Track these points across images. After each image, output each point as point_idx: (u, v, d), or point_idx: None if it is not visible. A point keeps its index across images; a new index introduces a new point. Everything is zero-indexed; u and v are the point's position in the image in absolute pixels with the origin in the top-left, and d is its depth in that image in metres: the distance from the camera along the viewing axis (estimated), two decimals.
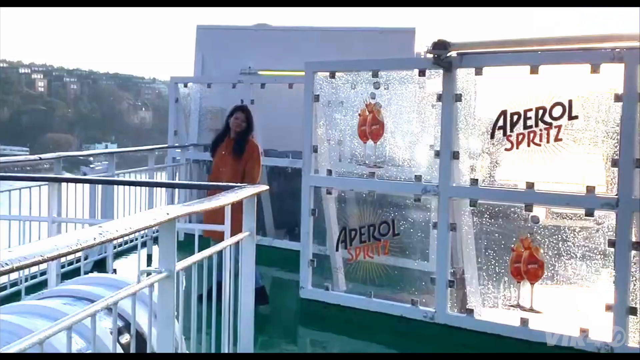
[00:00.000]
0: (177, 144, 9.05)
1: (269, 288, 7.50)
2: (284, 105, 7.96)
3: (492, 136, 5.26)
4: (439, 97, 5.42)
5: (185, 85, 9.16)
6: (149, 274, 2.46)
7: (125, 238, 7.86)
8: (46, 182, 4.54)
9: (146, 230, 7.34)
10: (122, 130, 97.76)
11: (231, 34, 9.85)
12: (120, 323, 2.74)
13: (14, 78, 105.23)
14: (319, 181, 6.06)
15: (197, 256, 3.09)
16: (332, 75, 5.96)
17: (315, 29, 10.26)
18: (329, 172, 6.02)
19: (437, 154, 5.45)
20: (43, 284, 4.76)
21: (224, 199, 3.46)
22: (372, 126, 5.79)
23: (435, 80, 5.56)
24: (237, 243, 3.75)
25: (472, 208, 5.41)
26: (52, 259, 1.70)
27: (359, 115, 5.84)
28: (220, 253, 3.53)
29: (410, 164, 5.84)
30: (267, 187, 4.13)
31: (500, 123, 5.21)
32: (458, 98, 5.34)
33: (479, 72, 5.28)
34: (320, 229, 6.18)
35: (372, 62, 5.88)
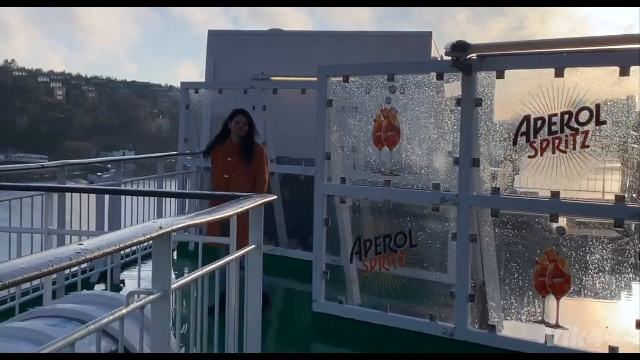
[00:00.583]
0: (187, 151, 8.84)
1: (281, 300, 7.33)
2: (297, 111, 7.72)
3: (515, 142, 4.98)
4: (458, 102, 5.16)
5: (196, 91, 8.95)
6: (141, 293, 2.21)
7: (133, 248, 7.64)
8: (41, 192, 4.32)
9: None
10: (140, 137, 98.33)
11: (243, 39, 9.66)
12: (111, 345, 2.52)
13: (33, 86, 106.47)
14: (332, 190, 5.80)
15: (196, 273, 2.85)
16: (346, 80, 5.71)
17: (329, 33, 10.05)
18: (343, 180, 5.77)
19: (456, 161, 5.18)
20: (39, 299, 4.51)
21: (229, 210, 3.22)
22: (387, 132, 5.53)
23: (453, 84, 5.31)
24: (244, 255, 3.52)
25: (493, 218, 5.13)
26: (15, 284, 1.46)
27: (374, 120, 5.59)
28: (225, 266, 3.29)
29: (428, 171, 5.58)
30: (275, 197, 3.87)
31: (523, 129, 4.94)
32: (478, 102, 5.07)
33: (500, 75, 5.01)
34: (333, 239, 5.93)
35: (388, 65, 5.62)
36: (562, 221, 4.92)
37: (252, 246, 3.53)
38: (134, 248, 7.54)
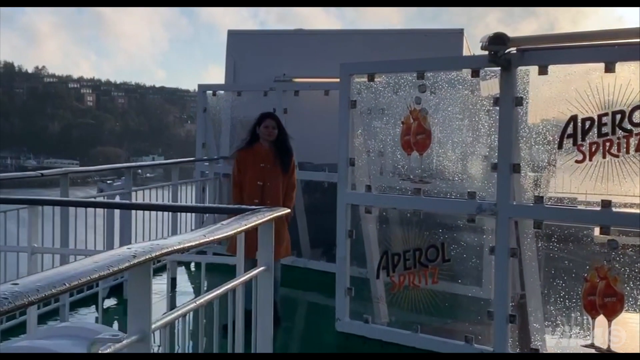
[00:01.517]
0: (205, 157, 8.42)
1: (302, 317, 6.86)
2: (320, 114, 7.24)
3: (560, 146, 4.45)
4: (496, 101, 4.65)
5: (214, 94, 8.52)
6: (107, 342, 1.76)
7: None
8: (25, 205, 3.90)
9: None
10: (169, 142, 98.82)
11: (264, 39, 9.21)
12: None
13: (64, 93, 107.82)
14: (356, 198, 5.32)
15: (183, 309, 2.39)
16: (371, 79, 5.23)
17: (355, 32, 9.58)
18: (368, 188, 5.28)
19: (494, 167, 4.66)
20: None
21: (233, 227, 2.77)
22: (417, 135, 5.03)
23: (490, 81, 4.81)
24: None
25: (536, 230, 4.59)
26: None
27: (402, 123, 5.09)
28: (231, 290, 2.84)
29: (462, 178, 5.06)
30: (288, 210, 3.37)
31: (570, 130, 4.41)
32: (518, 102, 4.55)
33: (543, 70, 4.48)
34: (359, 249, 5.46)
35: (417, 62, 5.10)
36: (614, 234, 4.38)
37: (262, 268, 3.06)
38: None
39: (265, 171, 5.87)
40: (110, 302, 6.28)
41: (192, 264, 7.50)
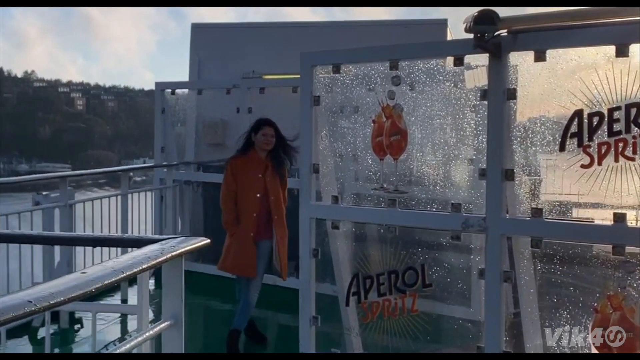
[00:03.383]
0: (165, 162, 7.60)
1: (272, 342, 6.17)
2: (289, 114, 6.42)
3: (562, 147, 3.65)
4: (484, 94, 3.84)
5: (173, 92, 7.70)
6: None
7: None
8: None
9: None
10: None
11: (231, 33, 8.38)
12: None
13: (54, 97, 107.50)
14: (321, 211, 4.51)
15: None
16: (337, 70, 4.42)
17: (331, 25, 8.80)
18: (335, 199, 4.47)
19: (483, 173, 3.84)
20: None
21: (122, 268, 1.96)
22: (391, 137, 4.22)
23: (477, 71, 4.02)
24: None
25: (534, 249, 3.79)
26: None
27: (373, 122, 4.29)
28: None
29: (445, 187, 4.26)
30: (208, 241, 2.53)
31: (574, 128, 3.61)
32: (511, 94, 3.75)
33: (540, 56, 3.68)
34: (330, 266, 4.68)
35: (389, 49, 4.26)
36: (630, 254, 3.58)
37: (167, 322, 2.25)
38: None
39: (265, 182, 5.64)
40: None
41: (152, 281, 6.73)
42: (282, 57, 7.76)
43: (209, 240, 2.43)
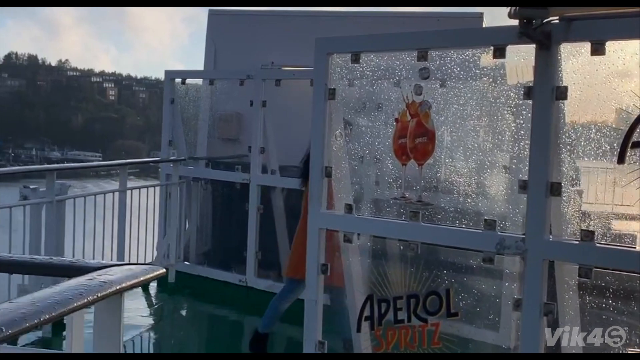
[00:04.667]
0: (172, 157, 7.09)
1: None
2: (305, 108, 5.87)
3: (622, 159, 3.03)
4: (528, 93, 3.24)
5: (184, 82, 7.17)
6: None
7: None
8: None
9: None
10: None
11: (250, 21, 7.83)
12: None
13: (87, 86, 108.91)
14: (332, 222, 3.93)
15: None
16: (356, 59, 3.83)
17: (359, 15, 8.17)
18: (349, 208, 3.89)
19: (523, 185, 3.24)
20: None
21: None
22: (416, 138, 3.62)
23: (521, 64, 3.41)
24: None
25: (582, 280, 3.17)
26: None
27: (396, 120, 3.69)
28: None
29: (477, 200, 3.66)
30: (164, 271, 1.96)
31: (637, 137, 3.00)
32: (561, 93, 3.14)
33: (598, 49, 3.07)
34: None
35: (418, 36, 3.66)
36: None
37: None
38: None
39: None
40: None
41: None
42: (303, 48, 7.20)
43: (164, 270, 1.87)
